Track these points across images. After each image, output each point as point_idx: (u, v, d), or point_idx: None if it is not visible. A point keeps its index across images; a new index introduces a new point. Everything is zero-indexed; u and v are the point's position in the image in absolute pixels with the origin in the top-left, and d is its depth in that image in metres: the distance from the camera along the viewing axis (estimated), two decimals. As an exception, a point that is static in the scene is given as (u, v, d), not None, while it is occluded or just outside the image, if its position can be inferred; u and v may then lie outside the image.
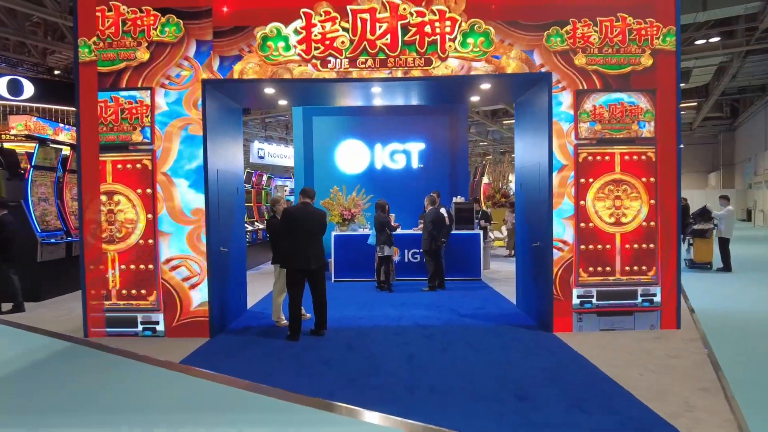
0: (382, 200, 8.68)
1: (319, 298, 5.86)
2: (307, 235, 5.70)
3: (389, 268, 8.61)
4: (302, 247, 5.67)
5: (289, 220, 5.71)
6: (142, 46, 5.69)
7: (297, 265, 5.68)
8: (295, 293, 5.72)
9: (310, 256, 5.67)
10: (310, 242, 5.71)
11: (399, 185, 11.16)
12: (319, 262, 5.76)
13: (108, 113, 5.73)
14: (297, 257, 5.66)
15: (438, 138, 11.24)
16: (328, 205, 9.82)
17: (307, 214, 5.77)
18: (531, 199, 6.57)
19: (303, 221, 5.70)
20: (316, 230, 5.79)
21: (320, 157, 11.24)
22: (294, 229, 5.68)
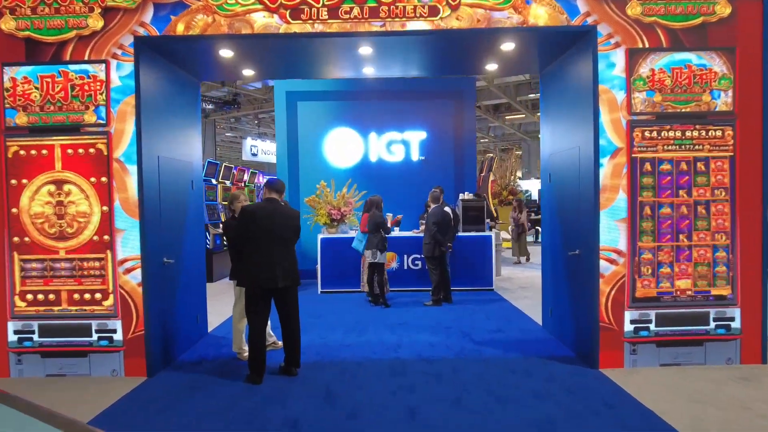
0: (376, 196, 7.25)
1: (290, 327, 4.42)
2: (274, 241, 4.25)
3: (383, 279, 7.16)
4: (266, 258, 4.22)
5: (248, 222, 4.26)
6: (95, 12, 4.31)
7: (259, 283, 4.23)
8: (257, 321, 4.27)
9: (278, 270, 4.22)
10: (278, 252, 4.26)
11: (397, 180, 9.71)
12: (289, 279, 4.31)
13: (56, 90, 4.37)
14: (259, 272, 4.21)
15: (441, 126, 9.80)
16: (314, 203, 8.37)
17: (274, 215, 4.31)
18: (565, 195, 5.13)
19: (268, 223, 4.25)
20: (286, 235, 4.34)
21: (306, 148, 9.79)
22: (255, 234, 4.23)
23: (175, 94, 5.21)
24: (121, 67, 4.37)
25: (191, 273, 5.46)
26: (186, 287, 5.29)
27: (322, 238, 8.28)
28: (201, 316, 5.77)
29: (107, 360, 4.47)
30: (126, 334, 4.45)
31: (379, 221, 6.98)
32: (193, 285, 5.56)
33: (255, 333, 4.24)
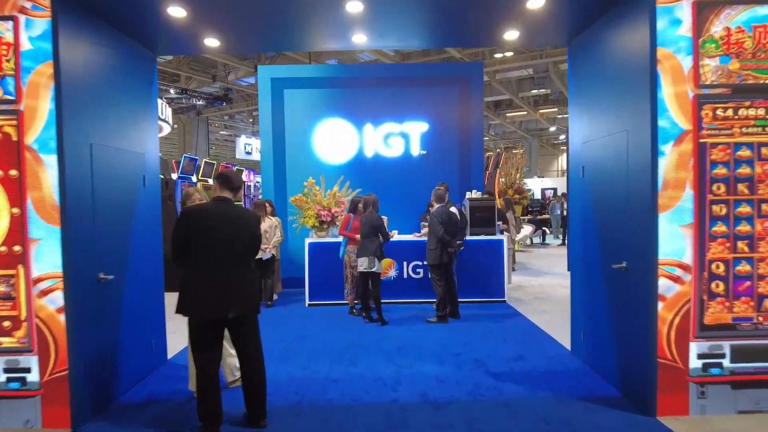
0: (371, 195, 6.22)
1: (249, 368, 3.37)
2: (223, 256, 3.21)
3: (378, 291, 6.11)
4: (212, 278, 3.17)
5: (188, 230, 3.20)
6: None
7: (202, 313, 3.18)
8: (206, 362, 3.22)
9: (228, 295, 3.17)
10: (229, 269, 3.21)
11: (395, 177, 8.69)
12: (244, 306, 3.25)
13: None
14: (202, 298, 3.17)
15: (445, 116, 8.76)
16: (300, 203, 7.34)
17: (223, 220, 3.25)
18: (606, 192, 4.11)
19: (215, 231, 3.20)
20: (239, 247, 3.28)
21: (294, 141, 8.75)
22: (197, 246, 3.19)
23: (120, 67, 4.18)
24: (33, 25, 3.33)
25: (143, 289, 4.42)
26: (135, 307, 4.26)
27: (310, 243, 7.25)
28: (158, 341, 4.74)
29: (19, 408, 3.43)
30: (44, 374, 3.42)
31: (377, 224, 5.95)
32: (147, 304, 4.53)
33: (204, 377, 3.20)
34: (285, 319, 6.51)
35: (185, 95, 23.12)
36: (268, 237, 7.16)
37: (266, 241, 7.14)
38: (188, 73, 22.74)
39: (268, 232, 7.16)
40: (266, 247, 7.09)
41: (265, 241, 7.14)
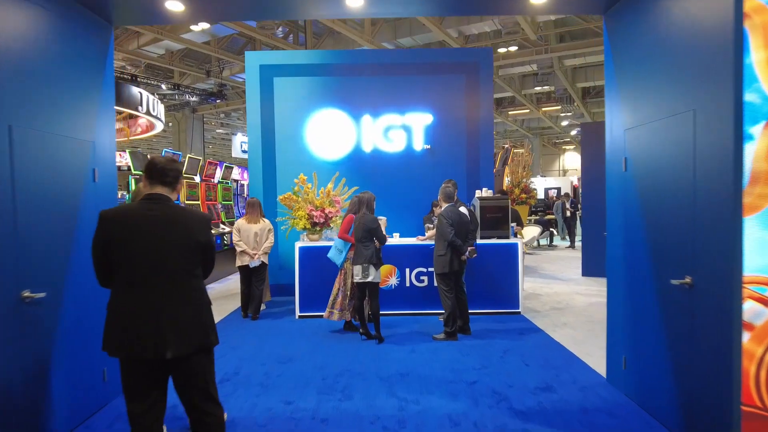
0: (366, 193, 5.42)
1: (199, 408, 2.54)
2: (158, 273, 2.38)
3: (376, 304, 5.31)
4: (144, 303, 2.35)
5: (109, 238, 2.38)
6: None
7: (130, 350, 2.34)
8: (139, 414, 2.40)
9: (166, 326, 2.33)
10: (167, 291, 2.38)
11: (396, 174, 7.90)
12: (188, 342, 2.38)
13: None
14: (130, 329, 2.33)
15: (451, 107, 7.97)
16: (289, 203, 6.54)
17: (159, 225, 2.42)
18: (662, 188, 3.31)
19: (145, 240, 2.38)
20: (181, 261, 2.44)
21: (285, 134, 7.95)
22: (123, 260, 2.37)
23: (63, 37, 3.38)
24: None
25: (92, 307, 3.62)
26: (81, 330, 3.46)
27: (301, 248, 6.46)
28: (112, 368, 3.94)
29: None
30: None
31: (372, 227, 5.16)
32: (98, 325, 3.72)
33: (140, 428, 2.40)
34: (271, 335, 5.71)
35: (178, 91, 22.33)
36: (259, 241, 6.37)
37: (257, 245, 6.36)
38: (181, 69, 21.99)
39: (259, 235, 6.37)
40: (256, 254, 6.31)
41: (256, 246, 6.35)
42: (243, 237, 6.34)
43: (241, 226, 6.39)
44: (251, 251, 6.32)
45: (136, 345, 2.30)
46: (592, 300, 7.43)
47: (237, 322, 6.30)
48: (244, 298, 6.50)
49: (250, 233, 6.35)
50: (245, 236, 6.34)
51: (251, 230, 6.35)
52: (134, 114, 18.70)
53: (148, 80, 20.66)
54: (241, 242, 6.33)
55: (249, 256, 6.32)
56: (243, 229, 6.36)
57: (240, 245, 6.32)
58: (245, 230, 6.36)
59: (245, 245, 6.32)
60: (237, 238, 6.35)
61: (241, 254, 6.35)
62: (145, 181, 2.55)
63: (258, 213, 6.44)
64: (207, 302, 2.54)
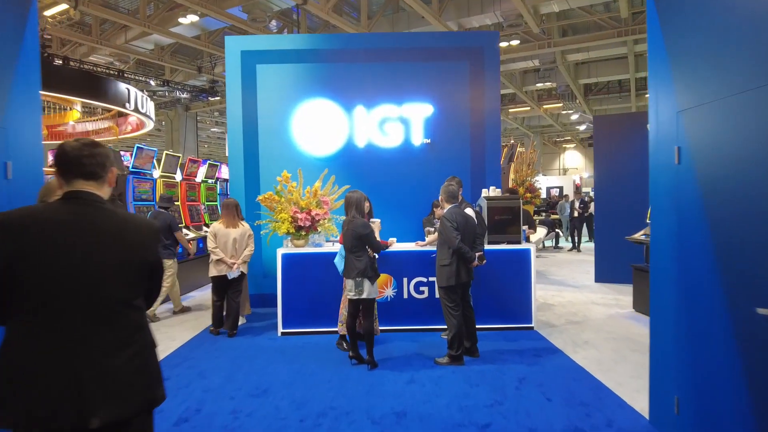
0: (357, 192, 4.61)
1: None
2: (81, 303, 1.59)
3: (370, 324, 4.51)
4: (60, 347, 1.55)
5: (11, 253, 1.56)
6: None
7: (38, 420, 1.52)
8: None
9: (91, 382, 1.56)
10: (91, 331, 1.60)
11: (392, 172, 7.12)
12: (122, 403, 1.61)
13: None
14: (35, 385, 1.53)
15: (454, 97, 7.19)
16: (271, 203, 5.75)
17: (86, 236, 1.64)
18: (734, 193, 2.53)
19: (67, 258, 1.59)
20: (117, 287, 1.67)
21: (268, 128, 7.16)
22: (29, 286, 1.57)
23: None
24: None
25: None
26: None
27: (284, 255, 5.67)
28: None
29: None
30: None
31: (363, 233, 4.36)
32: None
33: None
34: (246, 357, 4.92)
35: (167, 87, 21.53)
36: (238, 248, 5.60)
37: (236, 253, 5.59)
38: (172, 65, 21.22)
39: (239, 241, 5.60)
40: (235, 263, 5.54)
41: (235, 254, 5.58)
42: (220, 243, 5.56)
43: (218, 230, 5.61)
44: (229, 260, 5.55)
45: (45, 410, 1.52)
46: (611, 311, 6.65)
47: (211, 341, 5.51)
48: (216, 311, 5.72)
49: (228, 239, 5.57)
50: (222, 242, 5.57)
51: (229, 236, 5.58)
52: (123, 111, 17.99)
53: (136, 76, 19.85)
54: (218, 249, 5.55)
55: (227, 265, 5.54)
56: (220, 234, 5.59)
57: (216, 252, 5.54)
58: (222, 235, 5.58)
59: (222, 253, 5.55)
60: (212, 245, 5.57)
61: (216, 263, 5.58)
62: (58, 177, 1.76)
63: (235, 215, 5.66)
64: (151, 343, 1.78)
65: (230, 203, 5.71)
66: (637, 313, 6.52)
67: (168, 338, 5.61)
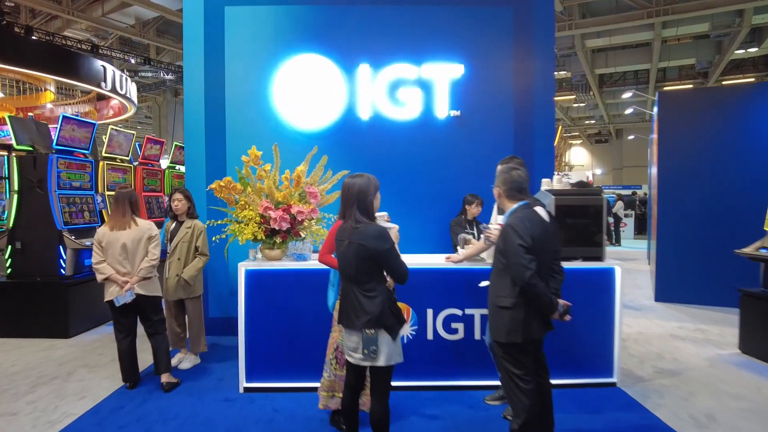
0: (362, 177, 2.61)
1: None
2: None
3: (382, 407, 2.60)
4: None
5: None
6: None
7: None
8: None
9: None
10: None
11: (408, 154, 5.25)
12: None
13: None
14: None
15: (492, 54, 5.30)
16: (229, 193, 3.86)
17: None
18: None
19: None
20: None
21: (240, 92, 5.27)
22: None
23: None
24: None
25: None
26: None
27: (249, 271, 3.78)
28: None
29: None
30: None
31: (381, 249, 2.41)
32: None
33: None
34: None
35: (150, 66, 19.56)
36: (133, 258, 3.71)
37: (130, 266, 3.71)
38: (158, 43, 19.29)
39: (131, 248, 3.70)
40: (128, 280, 3.66)
41: (128, 267, 3.70)
42: (108, 254, 3.70)
43: (104, 236, 3.71)
44: (121, 277, 3.67)
45: None
46: (708, 352, 4.80)
47: (135, 400, 3.65)
48: (123, 359, 3.84)
49: (116, 246, 3.68)
50: (111, 252, 3.69)
51: (118, 241, 3.69)
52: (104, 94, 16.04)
53: (112, 52, 17.87)
54: (105, 264, 3.68)
55: (118, 285, 3.67)
56: (107, 241, 3.69)
57: (102, 269, 3.66)
58: (109, 242, 3.69)
59: (109, 268, 3.68)
60: (98, 258, 3.69)
61: (107, 284, 3.70)
62: None
63: (126, 212, 3.76)
64: None
65: (121, 194, 3.79)
66: (747, 357, 4.67)
67: (75, 395, 3.75)
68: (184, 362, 4.33)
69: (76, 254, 5.52)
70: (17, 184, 5.41)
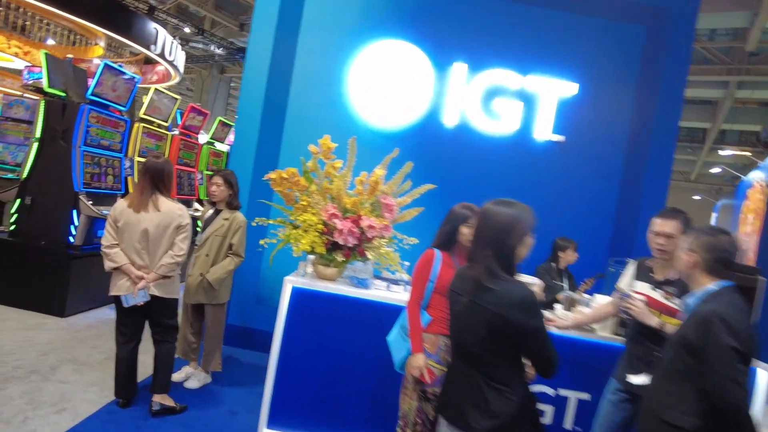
0: (517, 208, 1.72)
1: None
2: None
3: None
4: None
5: None
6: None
7: None
8: None
9: None
10: None
11: (495, 175, 4.41)
12: None
13: None
14: None
15: (613, 76, 4.46)
16: (289, 188, 3.06)
17: None
18: None
19: None
20: None
21: (308, 76, 4.49)
22: None
23: None
24: None
25: None
26: None
27: (297, 289, 2.97)
28: None
29: None
30: None
31: (528, 326, 1.56)
32: None
33: None
34: None
35: (203, 38, 19.12)
36: (154, 248, 2.91)
37: (149, 257, 2.91)
38: (214, 15, 18.88)
39: (153, 234, 2.90)
40: (144, 276, 2.87)
41: (147, 259, 2.90)
42: (123, 237, 2.89)
43: (121, 213, 2.89)
44: (135, 271, 2.88)
45: None
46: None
47: (123, 430, 2.85)
48: (119, 368, 3.02)
49: (136, 230, 2.88)
50: (128, 236, 2.88)
51: (139, 224, 2.88)
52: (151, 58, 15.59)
53: (167, 17, 17.45)
54: (117, 250, 2.87)
55: (130, 279, 2.88)
56: (125, 221, 2.88)
57: (114, 255, 2.85)
58: (128, 223, 2.87)
59: (123, 256, 2.88)
60: (111, 240, 2.87)
61: (116, 274, 2.89)
62: None
63: (149, 189, 2.93)
64: None
65: (151, 167, 2.94)
66: None
67: (52, 405, 2.96)
68: (191, 380, 3.53)
69: (89, 222, 4.79)
70: (40, 131, 4.71)
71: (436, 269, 2.37)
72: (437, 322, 2.33)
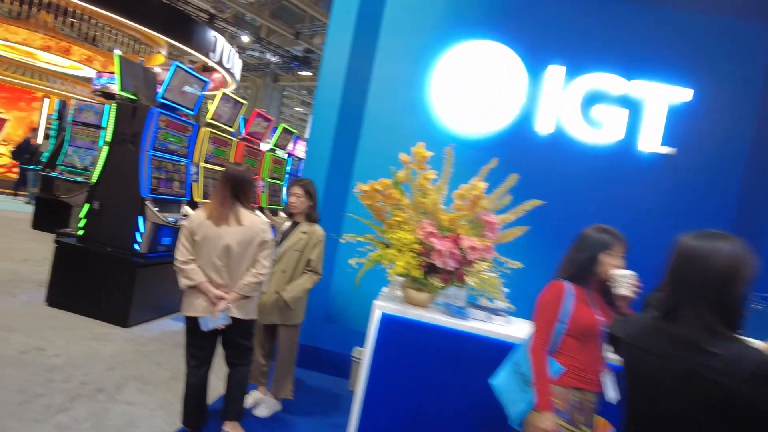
0: (735, 244, 1.28)
1: None
2: None
3: None
4: None
5: None
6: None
7: None
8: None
9: None
10: None
11: (593, 190, 3.95)
12: None
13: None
14: None
15: (735, 84, 3.92)
16: (380, 202, 2.74)
17: None
18: None
19: None
20: None
21: (388, 80, 4.19)
22: None
23: None
24: None
25: None
26: None
27: (386, 316, 2.64)
28: None
29: None
30: None
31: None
32: None
33: None
34: None
35: (259, 46, 19.38)
36: (236, 265, 2.61)
37: (230, 274, 2.62)
38: (270, 23, 19.10)
39: (236, 251, 2.61)
40: (224, 297, 2.58)
41: (228, 277, 2.62)
42: (201, 253, 2.61)
43: (199, 226, 2.60)
44: (213, 291, 2.58)
45: None
46: None
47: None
48: (189, 395, 2.73)
49: (216, 245, 2.58)
50: (207, 252, 2.60)
51: (220, 239, 2.59)
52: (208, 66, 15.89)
53: (226, 25, 17.76)
54: (193, 266, 2.59)
55: (208, 299, 2.59)
56: (204, 235, 2.59)
57: (191, 272, 2.56)
58: (207, 237, 2.58)
59: (201, 272, 2.59)
60: (186, 255, 2.58)
61: (191, 293, 2.61)
62: None
63: (230, 201, 2.63)
64: None
65: (231, 175, 2.66)
66: None
67: (117, 429, 2.73)
68: (261, 407, 3.24)
69: (155, 229, 4.64)
70: (110, 135, 4.61)
71: (567, 307, 1.97)
72: (570, 374, 1.93)
